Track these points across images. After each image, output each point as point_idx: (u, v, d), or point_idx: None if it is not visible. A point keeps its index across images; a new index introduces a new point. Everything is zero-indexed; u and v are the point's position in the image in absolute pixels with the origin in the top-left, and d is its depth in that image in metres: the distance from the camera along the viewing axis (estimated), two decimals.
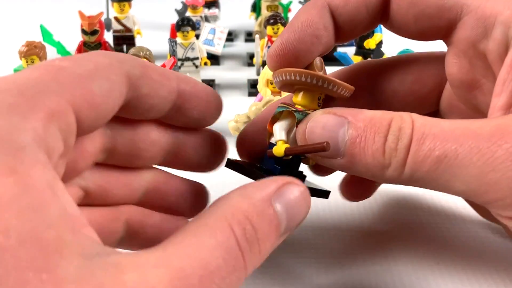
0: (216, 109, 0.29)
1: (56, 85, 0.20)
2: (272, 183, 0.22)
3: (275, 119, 0.27)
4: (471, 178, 0.22)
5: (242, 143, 0.31)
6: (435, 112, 0.31)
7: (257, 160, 0.30)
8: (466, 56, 0.27)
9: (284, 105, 0.27)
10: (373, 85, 0.31)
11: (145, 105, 0.25)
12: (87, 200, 0.26)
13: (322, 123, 0.25)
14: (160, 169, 0.29)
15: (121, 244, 0.28)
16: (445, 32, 0.27)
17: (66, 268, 0.16)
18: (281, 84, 0.28)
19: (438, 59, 0.30)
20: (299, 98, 0.27)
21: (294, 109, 0.27)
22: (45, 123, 0.19)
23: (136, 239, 0.28)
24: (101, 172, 0.27)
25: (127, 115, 0.25)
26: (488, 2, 0.26)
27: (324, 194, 0.28)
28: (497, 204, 0.22)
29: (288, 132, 0.27)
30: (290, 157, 0.26)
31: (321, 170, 0.32)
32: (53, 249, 0.16)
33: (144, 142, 0.27)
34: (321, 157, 0.26)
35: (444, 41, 0.28)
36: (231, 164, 0.28)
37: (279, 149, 0.26)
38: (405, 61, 0.32)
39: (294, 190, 0.22)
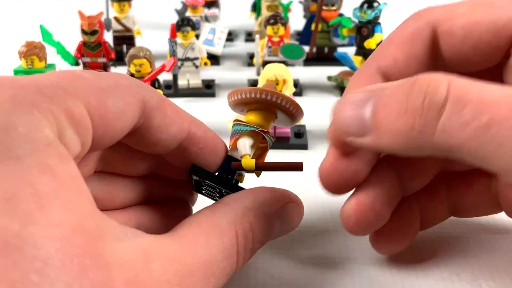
0: (219, 160, 0.29)
1: (73, 90, 0.20)
2: (279, 202, 0.26)
3: (237, 135, 0.28)
4: None
5: None
6: None
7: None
8: None
9: (241, 123, 0.29)
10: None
11: (152, 137, 0.25)
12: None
13: (350, 100, 0.24)
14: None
15: None
16: (507, 49, 0.25)
17: (110, 253, 0.18)
18: (234, 105, 0.29)
19: None
20: (251, 117, 0.29)
21: (263, 130, 0.28)
22: (67, 124, 0.19)
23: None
24: (103, 178, 0.28)
25: (132, 144, 0.25)
26: None
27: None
28: None
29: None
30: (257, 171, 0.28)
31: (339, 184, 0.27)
32: (97, 237, 0.18)
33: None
34: (350, 135, 0.24)
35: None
36: (195, 172, 0.28)
37: (249, 163, 0.27)
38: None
39: (295, 209, 0.27)
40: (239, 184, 0.29)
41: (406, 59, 0.27)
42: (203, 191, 0.30)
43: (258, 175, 0.30)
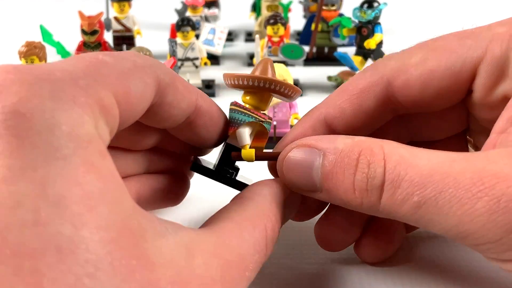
0: (222, 132, 0.29)
1: (101, 79, 0.21)
2: (286, 191, 0.27)
3: (236, 126, 0.29)
4: (450, 226, 0.21)
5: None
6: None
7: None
8: (486, 102, 0.26)
9: (237, 107, 0.29)
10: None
11: (165, 113, 0.25)
12: None
13: (297, 159, 0.26)
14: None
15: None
16: (467, 88, 0.26)
17: (153, 253, 0.18)
18: (231, 87, 0.29)
19: None
20: (248, 98, 0.29)
21: (261, 119, 0.29)
22: (99, 116, 0.20)
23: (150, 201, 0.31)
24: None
25: (143, 120, 0.25)
26: (493, 41, 0.25)
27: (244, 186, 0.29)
28: (477, 248, 0.22)
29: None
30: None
31: (303, 215, 0.31)
32: (139, 236, 0.18)
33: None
34: (304, 191, 0.26)
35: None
36: (197, 169, 0.29)
37: (249, 154, 0.28)
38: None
39: (295, 197, 0.28)
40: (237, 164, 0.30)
41: (354, 111, 0.28)
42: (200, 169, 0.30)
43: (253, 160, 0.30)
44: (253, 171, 0.33)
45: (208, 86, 0.63)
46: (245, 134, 0.29)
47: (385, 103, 0.28)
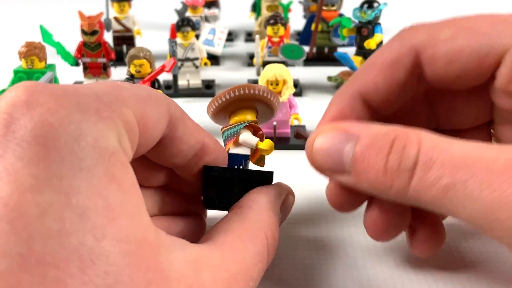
0: None
1: (123, 98, 0.21)
2: (281, 196, 0.28)
3: (233, 137, 0.30)
4: (479, 212, 0.21)
5: None
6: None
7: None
8: (508, 91, 0.26)
9: (226, 126, 0.30)
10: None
11: (174, 148, 0.26)
12: None
13: (329, 136, 0.25)
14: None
15: None
16: (491, 73, 0.26)
17: (167, 266, 0.19)
18: (215, 114, 0.30)
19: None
20: (236, 118, 0.30)
21: (250, 121, 0.29)
22: (122, 130, 0.20)
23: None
24: None
25: (153, 155, 0.26)
26: None
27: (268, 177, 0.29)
28: (503, 240, 0.21)
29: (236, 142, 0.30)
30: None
31: (345, 205, 0.29)
32: (156, 250, 0.19)
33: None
34: (331, 173, 0.26)
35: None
36: (212, 170, 0.29)
37: (268, 144, 0.29)
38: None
39: (290, 199, 0.29)
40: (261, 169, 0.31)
41: (387, 84, 0.27)
42: (216, 202, 0.30)
43: (262, 165, 0.31)
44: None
45: (208, 86, 0.63)
46: (249, 135, 0.29)
47: (414, 74, 0.27)
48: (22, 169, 0.17)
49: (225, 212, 0.27)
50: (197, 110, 0.35)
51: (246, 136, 0.29)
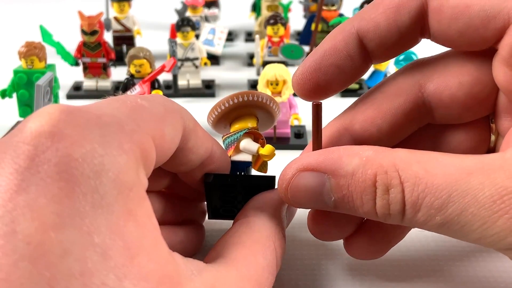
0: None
1: (143, 124, 0.22)
2: (284, 202, 0.27)
3: (234, 143, 0.29)
4: (474, 239, 0.22)
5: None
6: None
7: None
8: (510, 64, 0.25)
9: (227, 134, 0.30)
10: (423, 90, 0.28)
11: (185, 158, 0.26)
12: None
13: (303, 185, 0.25)
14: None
15: None
16: (495, 40, 0.25)
17: None
18: (216, 123, 0.30)
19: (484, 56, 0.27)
20: (237, 126, 0.30)
21: (250, 127, 0.29)
22: (140, 160, 0.20)
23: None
24: None
25: (163, 164, 0.26)
26: None
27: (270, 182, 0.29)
28: (503, 252, 0.23)
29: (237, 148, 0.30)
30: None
31: (327, 234, 0.29)
32: (176, 283, 0.19)
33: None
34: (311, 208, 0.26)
35: (494, 47, 0.26)
36: (214, 178, 0.29)
37: (269, 149, 0.29)
38: (453, 59, 0.28)
39: (293, 208, 0.30)
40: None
41: (388, 26, 0.26)
42: (221, 210, 0.30)
43: (265, 172, 0.31)
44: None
45: (208, 86, 0.63)
46: (249, 141, 0.29)
47: (417, 24, 0.26)
48: (45, 206, 0.17)
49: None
50: (197, 110, 0.35)
51: (247, 143, 0.29)
